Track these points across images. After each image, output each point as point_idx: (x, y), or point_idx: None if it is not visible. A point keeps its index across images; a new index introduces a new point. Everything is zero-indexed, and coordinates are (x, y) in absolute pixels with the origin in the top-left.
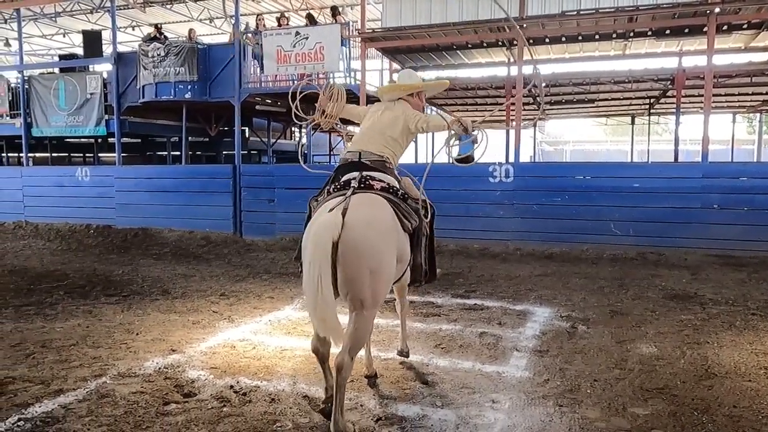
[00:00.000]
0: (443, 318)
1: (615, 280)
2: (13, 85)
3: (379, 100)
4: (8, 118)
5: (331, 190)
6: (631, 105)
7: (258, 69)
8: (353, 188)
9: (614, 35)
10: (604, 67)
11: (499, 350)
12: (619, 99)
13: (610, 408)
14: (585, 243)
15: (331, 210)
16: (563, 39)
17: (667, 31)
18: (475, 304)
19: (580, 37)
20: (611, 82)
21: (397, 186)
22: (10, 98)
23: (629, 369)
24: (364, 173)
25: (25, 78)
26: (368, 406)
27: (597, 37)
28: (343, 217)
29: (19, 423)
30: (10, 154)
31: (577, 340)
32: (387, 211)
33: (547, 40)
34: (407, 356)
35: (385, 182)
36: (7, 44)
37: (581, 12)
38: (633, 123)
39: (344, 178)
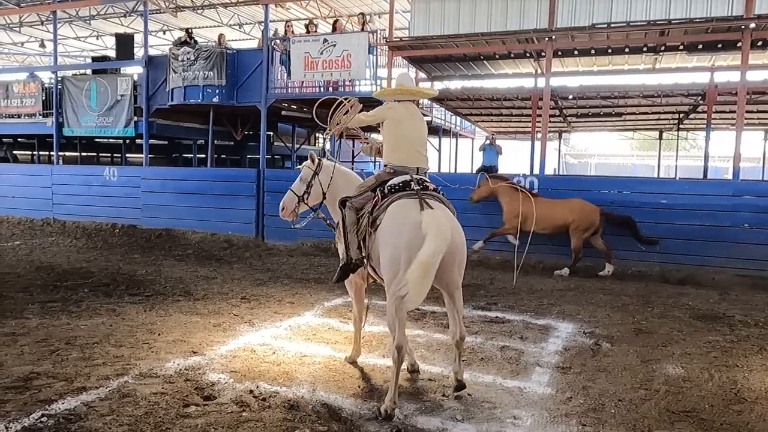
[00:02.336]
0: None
1: (640, 298)
2: (46, 85)
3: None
4: (41, 117)
5: (386, 191)
6: (659, 120)
7: (285, 75)
8: (418, 190)
9: (645, 49)
10: (632, 81)
11: (521, 365)
12: (647, 113)
13: (635, 429)
14: None
15: (430, 207)
16: (592, 51)
17: (700, 46)
18: (497, 316)
19: (609, 50)
20: (640, 96)
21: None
22: (44, 98)
23: (655, 390)
24: (415, 176)
25: (59, 78)
26: None
27: (627, 50)
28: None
29: (42, 419)
30: (41, 153)
31: (601, 357)
32: None
33: (575, 52)
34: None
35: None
36: (42, 45)
37: (612, 25)
38: (661, 138)
39: (398, 181)
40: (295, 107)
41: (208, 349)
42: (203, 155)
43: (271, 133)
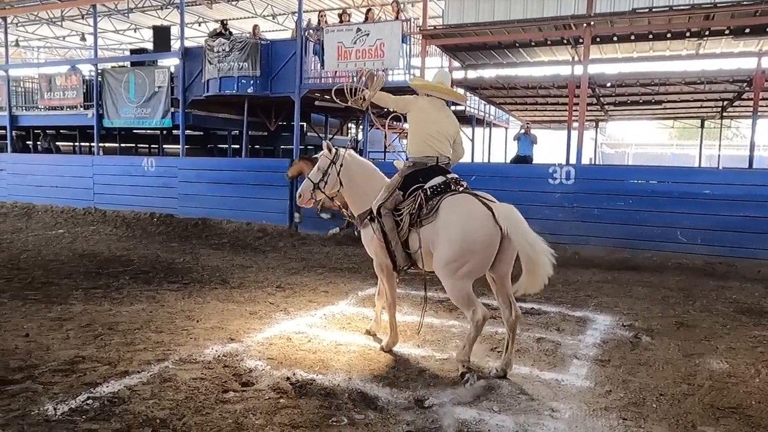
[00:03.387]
0: (499, 321)
1: (681, 291)
2: (87, 77)
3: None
4: (82, 109)
5: (429, 193)
6: (701, 107)
7: (318, 65)
8: (463, 188)
9: (688, 34)
10: (674, 68)
11: (558, 357)
12: (689, 101)
13: (678, 425)
14: (648, 250)
15: (491, 201)
16: (632, 37)
17: (747, 30)
18: (532, 308)
19: (650, 36)
20: (681, 83)
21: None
22: (84, 90)
23: (698, 385)
24: (449, 176)
25: (99, 71)
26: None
27: (669, 35)
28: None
29: (88, 401)
30: (82, 144)
31: (641, 351)
32: None
33: (615, 38)
34: None
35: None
36: (83, 39)
37: (653, 9)
38: (702, 126)
39: (435, 182)
40: (328, 97)
41: (245, 336)
42: (238, 146)
43: (305, 124)
